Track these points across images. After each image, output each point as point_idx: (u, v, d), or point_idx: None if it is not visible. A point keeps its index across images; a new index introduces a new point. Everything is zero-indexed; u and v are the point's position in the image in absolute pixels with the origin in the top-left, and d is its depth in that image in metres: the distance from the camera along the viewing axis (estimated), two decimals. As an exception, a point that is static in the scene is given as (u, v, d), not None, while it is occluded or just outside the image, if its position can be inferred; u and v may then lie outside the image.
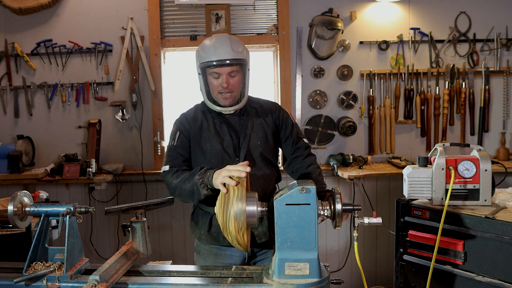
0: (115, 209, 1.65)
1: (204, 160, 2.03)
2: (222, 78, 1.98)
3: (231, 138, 2.04)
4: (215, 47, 1.97)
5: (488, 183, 2.12)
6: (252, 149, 2.06)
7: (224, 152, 2.03)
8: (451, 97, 3.68)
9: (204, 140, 2.05)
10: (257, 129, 2.09)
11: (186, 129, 2.08)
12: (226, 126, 2.06)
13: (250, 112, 2.12)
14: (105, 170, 3.59)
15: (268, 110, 2.16)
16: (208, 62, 1.97)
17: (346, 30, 3.64)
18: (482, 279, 1.97)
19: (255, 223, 1.49)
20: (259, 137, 2.09)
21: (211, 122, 2.07)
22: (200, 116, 2.10)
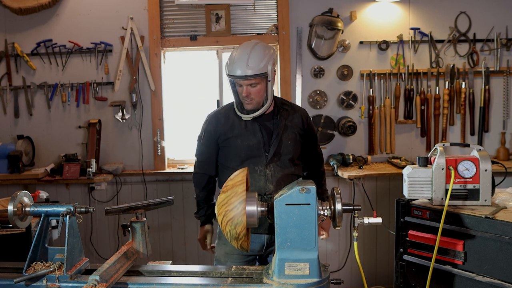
0: (115, 209, 1.65)
1: (234, 154, 2.25)
2: (243, 88, 2.18)
3: (262, 135, 2.23)
4: (234, 63, 2.16)
5: (488, 183, 2.12)
6: (282, 147, 2.24)
7: (255, 148, 2.22)
8: (451, 97, 3.68)
9: (235, 137, 2.24)
10: (289, 129, 2.28)
11: (214, 129, 2.30)
12: (258, 124, 2.25)
13: (283, 113, 2.30)
14: (105, 170, 3.59)
15: (300, 114, 2.36)
16: (229, 76, 2.20)
17: (346, 30, 3.64)
18: (482, 279, 1.97)
19: (255, 223, 1.49)
20: (290, 137, 2.27)
21: (243, 121, 2.26)
22: (232, 115, 2.29)
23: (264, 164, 2.21)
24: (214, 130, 2.29)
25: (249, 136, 2.23)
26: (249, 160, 2.21)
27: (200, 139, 2.36)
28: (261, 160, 2.21)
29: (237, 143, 2.23)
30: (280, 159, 2.23)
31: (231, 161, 2.26)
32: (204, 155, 2.36)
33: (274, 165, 2.22)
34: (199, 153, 2.38)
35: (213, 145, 2.31)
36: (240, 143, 2.22)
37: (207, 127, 2.34)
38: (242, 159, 2.22)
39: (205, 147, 2.34)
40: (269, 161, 2.21)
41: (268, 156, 2.21)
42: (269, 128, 2.25)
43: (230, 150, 2.26)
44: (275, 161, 2.22)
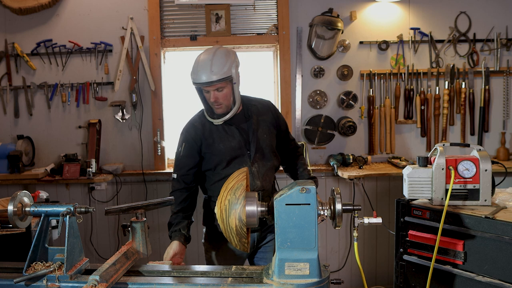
0: (115, 209, 1.65)
1: (220, 158, 2.27)
2: (210, 94, 2.22)
3: (241, 135, 2.29)
4: (198, 71, 2.21)
5: (488, 183, 2.12)
6: (261, 142, 2.31)
7: (237, 148, 2.27)
8: (451, 97, 3.68)
9: (217, 141, 2.28)
10: (262, 124, 2.35)
11: (193, 138, 2.30)
12: (234, 126, 2.30)
13: (253, 110, 2.36)
14: (105, 170, 3.59)
15: (267, 108, 2.43)
16: (194, 83, 2.24)
17: (346, 30, 3.64)
18: (482, 279, 1.97)
19: (255, 223, 1.50)
20: (265, 131, 2.34)
21: (219, 126, 2.30)
22: (207, 121, 2.32)
23: (249, 162, 2.28)
24: (194, 139, 2.30)
25: (229, 138, 2.28)
26: (234, 161, 2.27)
27: (179, 153, 2.31)
28: (244, 159, 2.28)
29: (220, 147, 2.27)
30: (262, 153, 2.31)
31: (217, 166, 2.28)
32: (186, 168, 2.29)
33: (258, 162, 2.30)
34: (180, 167, 2.29)
35: (195, 154, 2.30)
36: (223, 147, 2.27)
37: (186, 138, 2.32)
38: (227, 162, 2.26)
39: (187, 159, 2.30)
40: (253, 159, 2.28)
41: (251, 154, 2.28)
42: (243, 127, 2.32)
43: (214, 156, 2.28)
44: (258, 157, 2.30)
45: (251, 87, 3.84)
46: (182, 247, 2.17)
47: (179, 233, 2.21)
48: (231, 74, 2.21)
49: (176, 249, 2.13)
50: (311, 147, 3.72)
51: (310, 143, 3.70)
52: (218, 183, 2.26)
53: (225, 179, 2.15)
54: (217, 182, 2.27)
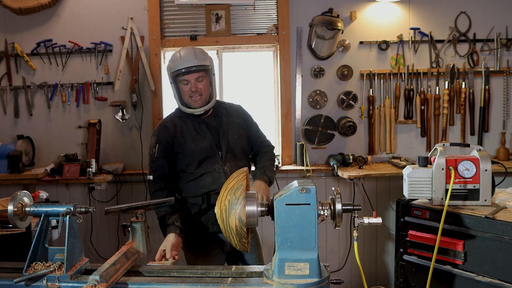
0: (115, 209, 1.65)
1: (191, 158, 2.29)
2: (190, 84, 2.27)
3: (212, 135, 2.32)
4: (182, 58, 2.27)
5: (488, 183, 2.12)
6: (232, 142, 2.34)
7: (209, 148, 2.30)
8: (451, 97, 3.68)
9: (188, 141, 2.30)
10: (232, 125, 2.38)
11: (165, 138, 2.31)
12: (205, 126, 2.33)
13: (222, 112, 2.41)
14: (105, 170, 3.59)
15: (236, 110, 2.48)
16: (177, 70, 2.27)
17: (346, 30, 3.64)
18: (482, 279, 1.97)
19: (255, 223, 1.49)
20: (235, 132, 2.37)
21: (190, 125, 2.33)
22: (179, 122, 2.35)
23: (221, 161, 2.30)
24: (166, 140, 2.31)
25: (200, 138, 2.31)
26: (206, 160, 2.29)
27: (153, 154, 2.31)
28: (216, 158, 2.30)
29: (191, 147, 2.29)
30: (233, 153, 2.34)
31: (189, 166, 2.30)
32: (162, 168, 2.29)
33: (230, 161, 2.32)
34: (155, 168, 2.30)
35: (169, 155, 2.31)
36: (195, 146, 2.29)
37: (158, 139, 2.32)
38: (199, 161, 2.28)
39: (161, 160, 2.30)
40: (225, 158, 2.31)
41: (222, 154, 2.31)
42: (214, 127, 2.35)
43: (186, 155, 2.30)
44: (230, 157, 2.32)
45: (251, 87, 3.85)
46: (179, 239, 2.19)
47: (173, 226, 2.22)
48: (211, 65, 2.32)
49: (173, 240, 2.15)
50: (311, 147, 3.72)
51: (310, 143, 3.70)
52: (191, 183, 2.30)
53: (198, 179, 2.27)
54: (191, 182, 2.30)
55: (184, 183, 2.33)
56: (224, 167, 2.30)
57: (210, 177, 2.28)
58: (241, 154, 2.37)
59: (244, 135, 2.42)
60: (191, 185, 2.30)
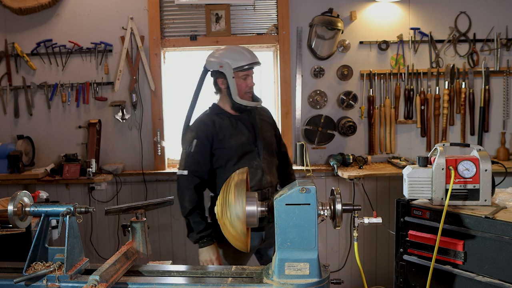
0: (115, 209, 1.65)
1: (231, 154, 2.34)
2: (249, 79, 2.40)
3: (248, 132, 2.39)
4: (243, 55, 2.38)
5: (488, 183, 2.12)
6: (266, 138, 2.44)
7: (247, 144, 2.36)
8: (451, 97, 3.68)
9: (228, 137, 2.35)
10: (264, 123, 2.49)
11: (205, 134, 2.35)
12: (241, 123, 2.40)
13: (255, 111, 2.49)
14: (105, 170, 3.59)
15: (266, 110, 2.61)
16: (242, 66, 2.35)
17: (346, 30, 3.64)
18: (482, 279, 1.97)
19: (255, 223, 1.49)
20: (267, 130, 2.48)
21: (227, 122, 2.39)
22: (217, 119, 2.40)
23: (258, 158, 2.38)
24: (205, 135, 2.34)
25: (238, 134, 2.37)
26: (245, 156, 2.35)
27: (190, 148, 2.33)
28: (254, 154, 2.37)
29: (231, 142, 2.34)
30: (269, 150, 2.43)
31: (229, 162, 2.33)
32: (198, 164, 2.33)
33: (267, 158, 2.41)
34: (191, 163, 2.33)
35: (206, 151, 2.34)
36: (234, 142, 2.34)
37: (197, 135, 2.35)
38: (238, 157, 2.33)
39: (199, 155, 2.33)
40: (262, 154, 2.38)
41: (259, 150, 2.38)
42: (249, 124, 2.42)
43: (226, 151, 2.34)
44: (266, 153, 2.41)
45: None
46: (217, 249, 2.31)
47: (208, 238, 2.29)
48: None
49: (216, 253, 2.28)
50: (311, 147, 3.72)
51: (310, 143, 3.70)
52: None
53: None
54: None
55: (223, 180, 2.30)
56: (262, 163, 2.37)
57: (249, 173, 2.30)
58: (274, 151, 2.48)
59: (273, 134, 2.54)
60: None
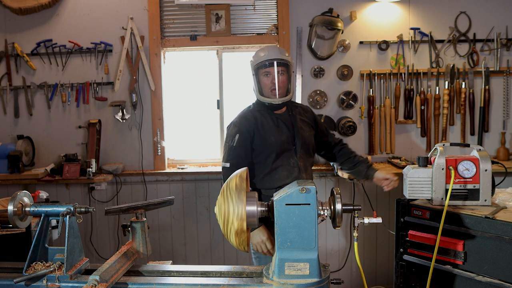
0: (115, 209, 1.65)
1: (271, 150, 2.39)
2: (271, 76, 2.42)
3: (288, 130, 2.45)
4: (267, 52, 2.44)
5: (488, 183, 2.12)
6: (305, 138, 2.48)
7: (286, 142, 2.42)
8: (451, 97, 3.68)
9: (269, 134, 2.41)
10: (304, 123, 2.53)
11: (247, 129, 2.41)
12: (282, 121, 2.46)
13: (295, 110, 2.55)
14: (105, 170, 3.59)
15: (306, 110, 2.64)
16: (261, 62, 2.42)
17: (346, 30, 3.64)
18: (482, 279, 1.97)
19: (255, 223, 1.49)
20: (306, 130, 2.52)
21: (269, 120, 2.45)
22: (259, 115, 2.46)
23: (295, 156, 2.43)
24: (247, 130, 2.41)
25: (278, 132, 2.42)
26: (283, 154, 2.41)
27: (233, 142, 2.40)
28: (291, 153, 2.43)
29: (271, 139, 2.40)
30: (306, 149, 2.48)
31: (268, 158, 2.40)
32: (239, 157, 2.39)
33: (303, 156, 2.46)
34: (233, 156, 2.39)
35: (248, 145, 2.41)
36: (274, 139, 2.40)
37: (239, 129, 2.42)
38: (277, 154, 2.39)
39: (241, 149, 2.39)
40: (299, 153, 2.44)
41: (297, 148, 2.44)
42: (289, 123, 2.48)
43: (266, 147, 2.40)
44: (303, 152, 2.46)
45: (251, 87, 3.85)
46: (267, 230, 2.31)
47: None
48: (292, 63, 2.49)
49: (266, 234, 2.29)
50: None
51: (310, 143, 3.70)
52: (267, 176, 2.41)
53: (274, 171, 2.39)
54: (267, 175, 2.41)
55: (260, 176, 2.42)
56: (299, 162, 2.42)
57: (285, 170, 2.40)
58: (311, 151, 2.53)
59: (312, 134, 2.57)
60: (267, 178, 2.41)
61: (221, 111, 3.81)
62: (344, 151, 2.68)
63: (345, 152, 2.67)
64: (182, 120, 3.89)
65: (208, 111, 3.84)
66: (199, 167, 3.75)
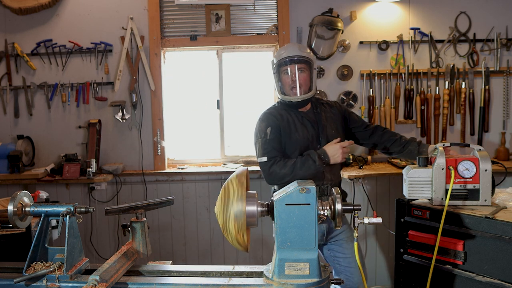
0: (115, 209, 1.65)
1: (294, 148, 2.40)
2: (292, 74, 2.41)
3: (313, 129, 2.45)
4: (286, 49, 2.44)
5: (488, 183, 2.12)
6: (329, 136, 2.45)
7: (310, 141, 2.43)
8: (451, 97, 3.68)
9: (293, 131, 2.42)
10: (330, 120, 2.51)
11: (276, 124, 2.42)
12: (307, 119, 2.46)
13: (321, 107, 2.54)
14: (105, 170, 3.59)
15: (333, 105, 2.62)
16: (281, 59, 2.42)
17: (346, 30, 3.64)
18: (482, 279, 1.97)
19: (255, 223, 1.49)
20: (333, 127, 2.50)
21: (294, 117, 2.46)
22: (284, 113, 2.47)
23: None
24: (276, 125, 2.42)
25: (303, 129, 2.43)
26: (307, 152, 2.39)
27: (266, 136, 2.39)
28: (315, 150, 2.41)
29: (296, 137, 2.41)
30: None
31: (291, 155, 2.41)
32: (275, 150, 2.37)
33: None
34: (269, 150, 2.38)
35: (280, 138, 2.41)
36: (298, 137, 2.41)
37: (270, 123, 2.42)
38: (300, 152, 2.40)
39: (275, 141, 2.39)
40: None
41: (321, 147, 2.41)
42: (314, 121, 2.47)
43: (290, 145, 2.41)
44: None
45: (251, 87, 3.85)
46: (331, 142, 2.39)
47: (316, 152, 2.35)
48: (313, 60, 2.46)
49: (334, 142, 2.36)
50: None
51: (310, 143, 3.70)
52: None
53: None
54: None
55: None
56: None
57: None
58: None
59: (341, 129, 2.55)
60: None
61: (221, 111, 3.81)
62: (387, 135, 2.60)
63: (389, 136, 2.60)
64: (182, 120, 3.89)
65: (208, 111, 3.84)
66: (199, 167, 3.75)
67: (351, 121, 2.61)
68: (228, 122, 3.84)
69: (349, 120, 2.61)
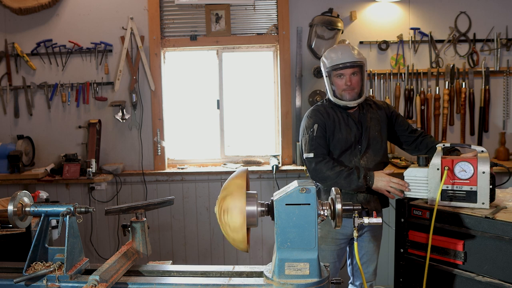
0: (115, 209, 1.65)
1: (336, 146, 2.42)
2: (345, 78, 2.40)
3: (356, 129, 2.44)
4: (340, 53, 2.42)
5: (486, 186, 2.09)
6: (372, 139, 2.46)
7: (352, 141, 2.42)
8: (451, 97, 3.68)
9: (337, 130, 2.42)
10: (375, 122, 2.50)
11: (322, 121, 2.43)
12: (352, 119, 2.45)
13: (367, 108, 2.52)
14: (105, 170, 3.59)
15: (381, 106, 2.59)
16: (335, 65, 2.40)
17: (346, 30, 3.64)
18: (482, 279, 1.97)
19: (255, 223, 1.49)
20: (376, 129, 2.49)
21: (340, 116, 2.46)
22: (331, 111, 2.47)
23: (359, 156, 2.43)
24: (322, 122, 2.42)
25: (347, 129, 2.43)
26: (346, 152, 2.42)
27: (312, 132, 2.40)
28: (356, 152, 2.43)
29: (339, 136, 2.41)
30: (372, 149, 2.45)
31: (332, 153, 2.42)
32: (321, 147, 2.38)
33: (368, 156, 2.44)
34: (316, 146, 2.38)
35: (326, 134, 2.41)
36: (341, 136, 2.41)
37: (317, 120, 2.43)
38: (341, 152, 2.41)
39: (321, 139, 2.40)
40: (363, 153, 2.44)
41: (362, 148, 2.43)
42: (359, 122, 2.46)
43: (333, 143, 2.42)
44: (368, 152, 2.44)
45: (251, 87, 3.86)
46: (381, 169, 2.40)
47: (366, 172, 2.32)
48: (365, 63, 2.45)
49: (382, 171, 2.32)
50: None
51: (310, 143, 3.70)
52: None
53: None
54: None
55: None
56: (361, 161, 2.42)
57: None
58: (379, 150, 2.47)
59: (385, 131, 2.52)
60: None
61: (221, 111, 3.81)
62: (425, 141, 2.55)
63: (427, 143, 2.55)
64: (182, 120, 3.89)
65: (208, 111, 3.84)
66: (199, 167, 3.75)
67: (397, 123, 2.59)
68: (228, 122, 3.84)
69: (395, 122, 2.59)
